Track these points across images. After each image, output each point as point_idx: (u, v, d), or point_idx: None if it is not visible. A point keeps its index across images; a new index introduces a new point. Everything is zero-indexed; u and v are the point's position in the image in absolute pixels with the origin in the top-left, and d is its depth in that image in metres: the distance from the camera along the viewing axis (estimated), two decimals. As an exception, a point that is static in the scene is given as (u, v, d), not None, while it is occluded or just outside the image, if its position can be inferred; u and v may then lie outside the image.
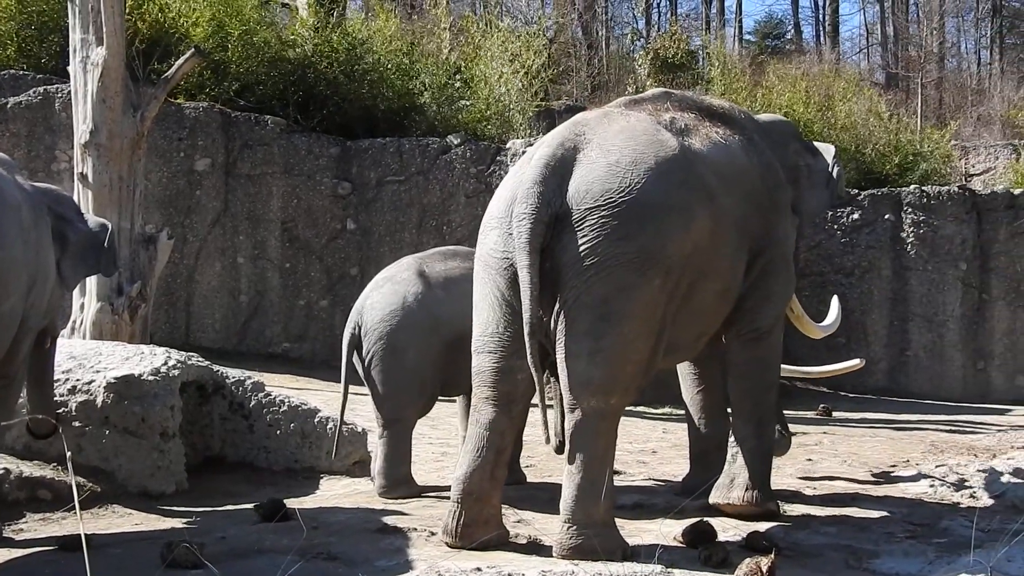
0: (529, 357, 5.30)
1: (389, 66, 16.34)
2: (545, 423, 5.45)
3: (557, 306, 5.36)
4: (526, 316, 5.27)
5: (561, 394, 5.61)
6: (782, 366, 8.11)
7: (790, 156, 6.86)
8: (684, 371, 7.23)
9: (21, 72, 14.38)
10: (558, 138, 5.69)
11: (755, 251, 6.16)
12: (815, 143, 7.36)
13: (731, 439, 6.53)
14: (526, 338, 5.28)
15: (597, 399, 5.33)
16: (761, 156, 6.34)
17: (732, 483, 6.41)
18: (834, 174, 7.07)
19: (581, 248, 5.31)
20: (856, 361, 9.16)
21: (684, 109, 6.15)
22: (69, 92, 11.17)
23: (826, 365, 9.74)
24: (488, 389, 5.61)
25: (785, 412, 8.16)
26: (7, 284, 5.19)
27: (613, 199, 5.33)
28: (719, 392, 6.88)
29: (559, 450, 5.95)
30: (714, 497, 6.44)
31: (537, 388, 5.40)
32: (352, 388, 7.20)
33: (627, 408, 11.74)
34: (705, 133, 6.00)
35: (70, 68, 10.55)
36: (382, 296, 7.09)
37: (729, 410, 6.71)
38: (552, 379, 5.90)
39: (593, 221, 5.31)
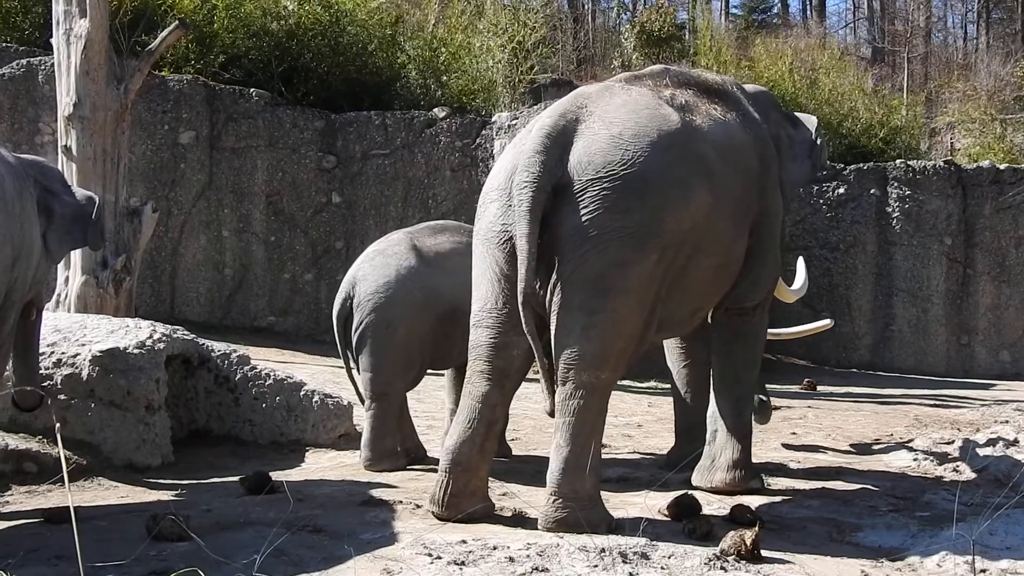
0: (524, 326, 5.29)
1: (375, 39, 16.28)
2: (548, 391, 5.44)
3: (553, 279, 5.35)
4: (521, 285, 5.24)
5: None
6: None
7: (771, 125, 6.77)
8: (670, 346, 7.23)
9: (4, 44, 14.28)
10: (559, 109, 5.65)
11: (752, 226, 6.14)
12: (797, 114, 7.32)
13: (710, 416, 6.54)
14: (520, 308, 5.27)
15: (588, 373, 5.31)
16: (757, 131, 6.29)
17: (713, 465, 6.42)
18: (816, 145, 7.01)
19: (580, 220, 5.27)
20: (826, 321, 9.31)
21: (682, 85, 6.06)
22: (52, 64, 11.11)
23: (796, 327, 9.83)
24: (483, 363, 5.59)
25: (770, 386, 8.20)
26: None
27: (615, 171, 5.28)
28: (705, 367, 6.85)
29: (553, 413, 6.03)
30: (696, 479, 6.45)
31: (537, 357, 5.38)
32: (338, 362, 7.20)
33: (613, 382, 11.70)
34: (705, 110, 5.93)
35: (53, 40, 10.49)
36: (374, 269, 7.07)
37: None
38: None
39: (594, 193, 5.27)
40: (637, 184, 5.29)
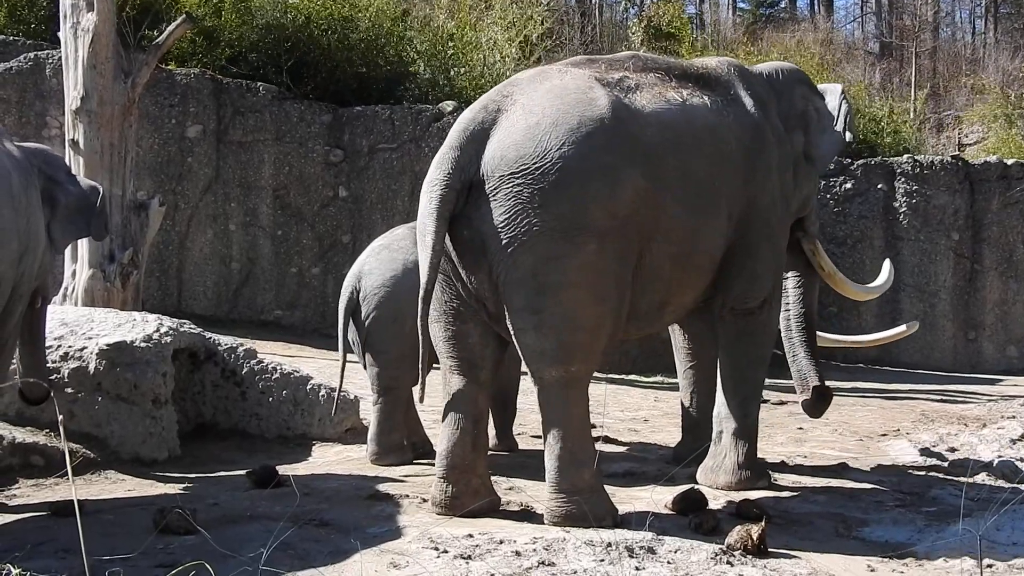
0: (419, 319, 5.21)
1: (383, 33, 16.26)
2: (422, 385, 5.36)
3: (493, 280, 5.25)
4: (423, 280, 5.18)
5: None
6: (826, 335, 8.03)
7: (797, 102, 6.68)
8: (678, 344, 7.18)
9: (11, 38, 14.30)
10: (483, 100, 5.55)
11: (734, 217, 5.97)
12: (821, 85, 7.17)
13: (715, 416, 6.45)
14: (419, 304, 5.20)
15: (556, 369, 5.25)
16: (743, 117, 6.08)
17: (718, 466, 6.36)
18: (843, 112, 6.85)
19: (500, 218, 5.14)
20: (903, 328, 8.55)
21: (646, 69, 5.87)
22: (60, 58, 11.12)
23: (876, 333, 9.46)
24: (448, 358, 5.56)
25: (777, 381, 8.17)
26: None
27: (527, 165, 5.13)
28: (712, 365, 6.73)
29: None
30: (701, 479, 6.39)
31: (421, 353, 5.26)
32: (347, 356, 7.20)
33: (619, 376, 11.79)
34: (659, 91, 5.72)
35: (60, 34, 10.49)
36: (380, 263, 7.07)
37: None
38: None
39: (508, 190, 5.14)
40: (554, 176, 5.13)
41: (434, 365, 7.24)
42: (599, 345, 5.40)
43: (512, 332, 5.31)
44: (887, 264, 8.16)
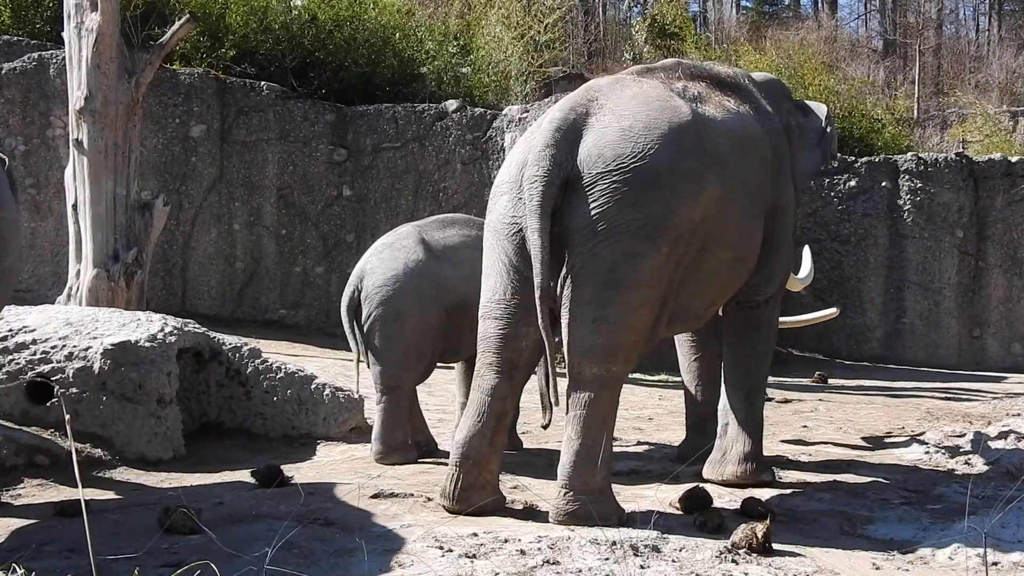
0: (540, 321, 5.29)
1: (388, 32, 16.26)
2: (546, 392, 5.45)
3: (564, 271, 5.34)
4: (537, 280, 5.24)
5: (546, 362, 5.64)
6: None
7: (782, 116, 6.77)
8: (681, 339, 7.21)
9: (15, 38, 14.30)
10: (570, 102, 5.66)
11: (765, 218, 6.13)
12: (807, 102, 7.31)
13: (721, 409, 6.55)
14: (537, 303, 5.27)
15: (599, 367, 5.32)
16: (770, 124, 6.30)
17: (724, 458, 6.42)
18: (826, 133, 7.00)
19: (591, 213, 5.27)
20: (832, 310, 9.28)
21: (695, 78, 6.08)
22: (64, 58, 11.12)
23: (802, 315, 9.85)
24: (492, 355, 5.59)
25: (781, 379, 8.19)
26: (8, 241, 5.21)
27: (625, 164, 5.29)
28: (716, 360, 6.85)
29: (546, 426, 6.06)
30: (707, 472, 6.45)
31: (548, 353, 5.38)
32: (349, 355, 7.21)
33: (623, 375, 11.69)
34: (718, 101, 5.94)
35: (64, 34, 10.49)
36: (382, 262, 7.08)
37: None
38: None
39: (604, 186, 5.28)
40: (647, 177, 5.28)
41: (438, 364, 7.28)
42: (641, 347, 5.54)
43: (566, 323, 5.38)
44: (806, 251, 8.57)
